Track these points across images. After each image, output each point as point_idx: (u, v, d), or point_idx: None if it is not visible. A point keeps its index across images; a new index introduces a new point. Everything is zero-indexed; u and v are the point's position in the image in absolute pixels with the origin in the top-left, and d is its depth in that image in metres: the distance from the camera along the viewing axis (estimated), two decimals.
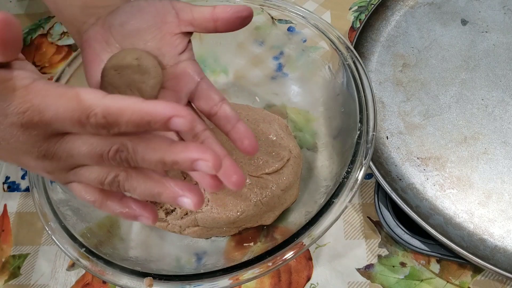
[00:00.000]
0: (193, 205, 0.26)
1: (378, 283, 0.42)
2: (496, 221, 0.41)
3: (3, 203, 0.50)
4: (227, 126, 0.33)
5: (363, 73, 0.40)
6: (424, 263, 0.42)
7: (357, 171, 0.36)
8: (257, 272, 0.33)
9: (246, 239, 0.43)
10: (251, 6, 0.46)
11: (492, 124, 0.45)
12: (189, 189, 0.26)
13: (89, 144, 0.24)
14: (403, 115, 0.47)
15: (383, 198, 0.42)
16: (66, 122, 0.23)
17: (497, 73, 0.48)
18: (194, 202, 0.26)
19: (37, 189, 0.38)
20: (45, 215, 0.37)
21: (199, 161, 0.23)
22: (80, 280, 0.45)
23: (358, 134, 0.37)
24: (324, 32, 0.43)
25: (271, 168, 0.41)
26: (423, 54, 0.51)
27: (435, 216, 0.41)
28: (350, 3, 0.60)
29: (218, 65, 0.52)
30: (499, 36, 0.51)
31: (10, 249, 0.47)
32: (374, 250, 0.43)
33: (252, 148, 0.32)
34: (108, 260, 0.35)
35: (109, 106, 0.22)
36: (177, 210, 0.41)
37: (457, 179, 0.43)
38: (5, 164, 0.53)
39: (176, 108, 0.22)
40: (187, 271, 0.40)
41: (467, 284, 0.41)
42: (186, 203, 0.26)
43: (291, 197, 0.42)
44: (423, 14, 0.53)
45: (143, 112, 0.22)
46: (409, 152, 0.45)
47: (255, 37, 0.50)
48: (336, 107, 0.45)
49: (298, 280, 0.43)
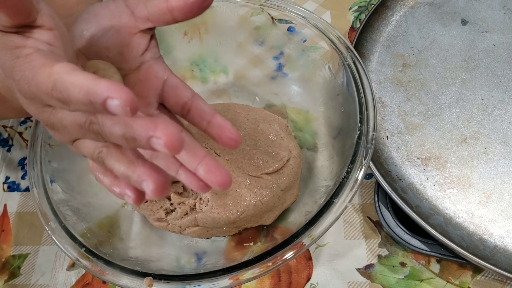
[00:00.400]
0: (151, 193, 0.24)
1: (378, 283, 0.42)
2: (496, 221, 0.41)
3: (3, 203, 0.50)
4: (203, 123, 0.31)
5: (363, 73, 0.40)
6: (424, 263, 0.42)
7: (357, 171, 0.36)
8: (257, 272, 0.33)
9: (246, 239, 0.43)
10: (251, 6, 0.46)
11: (492, 124, 0.45)
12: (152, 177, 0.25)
13: (73, 114, 0.24)
14: (403, 115, 0.47)
15: (383, 198, 0.42)
16: (41, 93, 0.23)
17: (497, 73, 0.48)
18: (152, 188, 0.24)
19: (37, 189, 0.38)
20: (45, 215, 0.37)
21: (153, 138, 0.22)
22: (80, 280, 0.45)
23: (358, 134, 0.37)
24: (324, 32, 0.43)
25: (271, 168, 0.41)
26: (423, 54, 0.51)
27: (435, 216, 0.41)
28: (350, 3, 0.60)
29: (218, 65, 0.52)
30: (499, 36, 0.51)
31: (10, 249, 0.47)
32: (374, 250, 0.43)
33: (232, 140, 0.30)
34: (108, 260, 0.35)
35: (65, 80, 0.22)
36: (177, 210, 0.41)
37: (457, 179, 0.43)
38: (5, 164, 0.53)
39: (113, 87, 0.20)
40: (187, 271, 0.40)
41: (467, 284, 0.41)
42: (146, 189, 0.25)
43: (291, 197, 0.42)
44: (423, 14, 0.53)
45: (85, 90, 0.21)
46: (409, 152, 0.45)
47: (255, 37, 0.50)
48: (336, 107, 0.45)
49: (298, 280, 0.43)
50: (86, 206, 0.41)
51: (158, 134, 0.22)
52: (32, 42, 0.25)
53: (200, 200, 0.41)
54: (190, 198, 0.41)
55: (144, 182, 0.25)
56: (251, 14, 0.48)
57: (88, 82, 0.21)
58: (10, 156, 0.53)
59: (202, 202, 0.40)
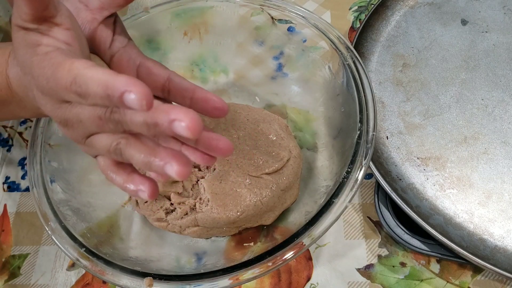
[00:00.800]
0: (175, 174, 0.25)
1: (378, 283, 0.42)
2: (496, 221, 0.41)
3: (3, 203, 0.50)
4: (186, 100, 0.30)
5: (363, 73, 0.40)
6: (424, 263, 0.42)
7: (357, 171, 0.36)
8: (257, 272, 0.33)
9: (246, 239, 0.43)
10: (251, 6, 0.46)
11: (492, 124, 0.45)
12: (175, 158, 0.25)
13: (91, 108, 0.25)
14: (403, 115, 0.47)
15: (383, 198, 0.42)
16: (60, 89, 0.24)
17: (497, 73, 0.48)
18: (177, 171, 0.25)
19: (37, 189, 0.38)
20: (45, 215, 0.37)
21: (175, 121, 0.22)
22: (80, 280, 0.45)
23: (358, 134, 0.37)
24: (324, 32, 0.43)
25: (271, 168, 0.41)
26: (423, 54, 0.51)
27: (435, 216, 0.41)
28: (350, 3, 0.60)
29: (218, 65, 0.52)
30: (499, 36, 0.51)
31: (10, 249, 0.47)
32: (374, 250, 0.43)
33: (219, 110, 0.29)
34: (108, 260, 0.35)
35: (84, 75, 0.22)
36: (177, 210, 0.41)
37: (457, 179, 0.43)
38: (5, 164, 0.53)
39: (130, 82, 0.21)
40: (187, 271, 0.40)
41: (467, 284, 0.41)
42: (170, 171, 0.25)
43: (291, 197, 0.42)
44: (423, 14, 0.53)
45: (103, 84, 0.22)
46: (409, 152, 0.45)
47: (255, 37, 0.50)
48: (336, 107, 0.45)
49: (298, 280, 0.43)
50: (86, 206, 0.41)
51: (180, 117, 0.22)
52: (52, 40, 0.26)
53: (200, 200, 0.41)
54: (190, 198, 0.41)
55: (167, 165, 0.25)
56: (251, 14, 0.48)
57: (106, 77, 0.22)
58: (10, 156, 0.53)
59: (202, 202, 0.40)
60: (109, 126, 0.25)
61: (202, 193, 0.41)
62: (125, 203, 0.45)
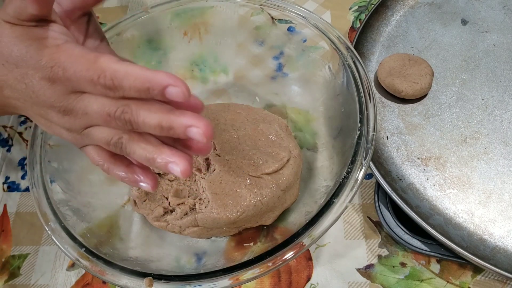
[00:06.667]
0: (179, 172, 0.27)
1: (378, 283, 0.42)
2: (496, 221, 0.41)
3: (3, 203, 0.50)
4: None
5: (363, 73, 0.40)
6: (424, 263, 0.42)
7: (357, 171, 0.36)
8: (257, 272, 0.33)
9: (246, 239, 0.43)
10: (251, 6, 0.46)
11: (492, 124, 0.45)
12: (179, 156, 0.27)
13: (101, 103, 0.26)
14: (403, 115, 0.47)
15: (383, 198, 0.42)
16: (82, 79, 0.25)
17: (497, 73, 0.48)
18: (181, 169, 0.27)
19: (37, 189, 0.38)
20: (45, 215, 0.37)
21: (192, 127, 0.25)
22: (80, 280, 0.45)
23: (358, 134, 0.37)
24: (324, 32, 0.43)
25: (271, 168, 0.41)
26: (423, 54, 0.51)
27: (435, 216, 0.41)
28: (350, 3, 0.60)
29: (218, 65, 0.52)
30: (499, 36, 0.51)
31: (10, 249, 0.47)
32: (374, 250, 0.43)
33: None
34: (108, 260, 0.35)
35: (117, 70, 0.25)
36: (177, 210, 0.41)
37: (457, 179, 0.43)
38: (5, 164, 0.53)
39: (172, 78, 0.24)
40: (187, 271, 0.40)
41: (467, 284, 0.41)
42: (175, 170, 0.27)
43: (291, 197, 0.42)
44: (423, 14, 0.53)
45: (144, 79, 0.24)
46: (409, 152, 0.45)
47: (255, 37, 0.49)
48: (336, 107, 0.45)
49: (298, 280, 0.43)
50: (86, 206, 0.41)
51: (198, 124, 0.25)
52: (55, 34, 0.27)
53: (200, 200, 0.41)
54: (190, 198, 0.41)
55: (171, 164, 0.27)
56: (251, 14, 0.48)
57: (147, 72, 0.24)
58: (10, 156, 0.53)
59: (202, 202, 0.40)
60: (117, 123, 0.26)
61: (202, 193, 0.41)
62: (125, 203, 0.45)
